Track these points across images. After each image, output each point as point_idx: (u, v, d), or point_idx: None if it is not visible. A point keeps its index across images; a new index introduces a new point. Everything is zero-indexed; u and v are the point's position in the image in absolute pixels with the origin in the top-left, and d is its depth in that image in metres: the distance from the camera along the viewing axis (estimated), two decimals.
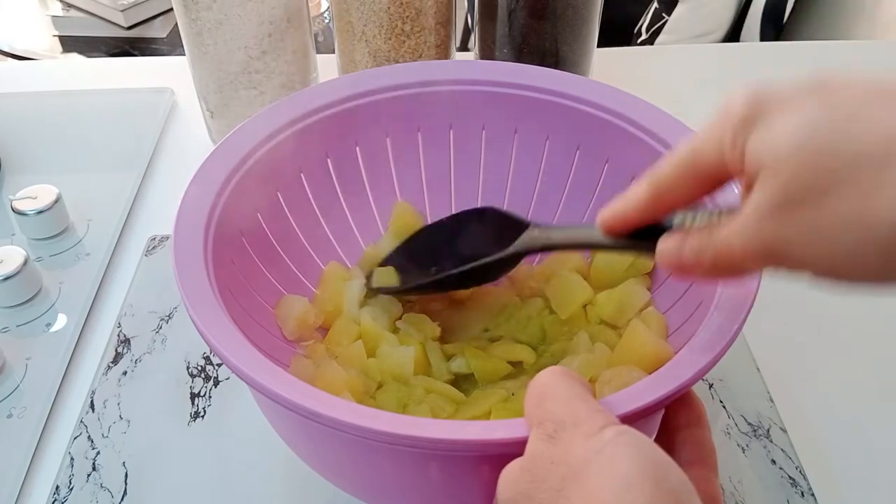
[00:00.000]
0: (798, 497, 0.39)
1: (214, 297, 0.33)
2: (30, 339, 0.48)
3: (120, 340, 0.48)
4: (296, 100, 0.43)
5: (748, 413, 0.43)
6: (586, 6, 0.59)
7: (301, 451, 0.36)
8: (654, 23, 1.06)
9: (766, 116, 0.24)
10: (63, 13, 1.16)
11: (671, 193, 0.28)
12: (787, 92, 0.24)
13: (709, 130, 0.26)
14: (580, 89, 0.44)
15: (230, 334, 0.31)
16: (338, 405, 0.28)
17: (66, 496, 0.40)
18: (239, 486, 0.41)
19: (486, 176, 0.48)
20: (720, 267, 0.27)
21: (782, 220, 0.23)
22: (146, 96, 0.68)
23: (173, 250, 0.34)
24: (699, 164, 0.27)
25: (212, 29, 0.56)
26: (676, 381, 0.28)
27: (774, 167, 0.23)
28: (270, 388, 0.29)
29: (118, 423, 0.43)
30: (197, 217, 0.36)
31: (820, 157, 0.22)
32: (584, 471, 0.23)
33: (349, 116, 0.44)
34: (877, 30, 1.03)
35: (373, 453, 0.31)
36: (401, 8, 0.58)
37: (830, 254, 0.23)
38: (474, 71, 0.46)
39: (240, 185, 0.39)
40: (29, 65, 0.89)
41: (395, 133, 0.46)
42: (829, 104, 0.23)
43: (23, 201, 0.53)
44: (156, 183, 0.61)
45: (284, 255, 0.43)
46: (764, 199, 0.24)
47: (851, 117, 0.22)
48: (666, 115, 0.41)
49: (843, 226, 0.22)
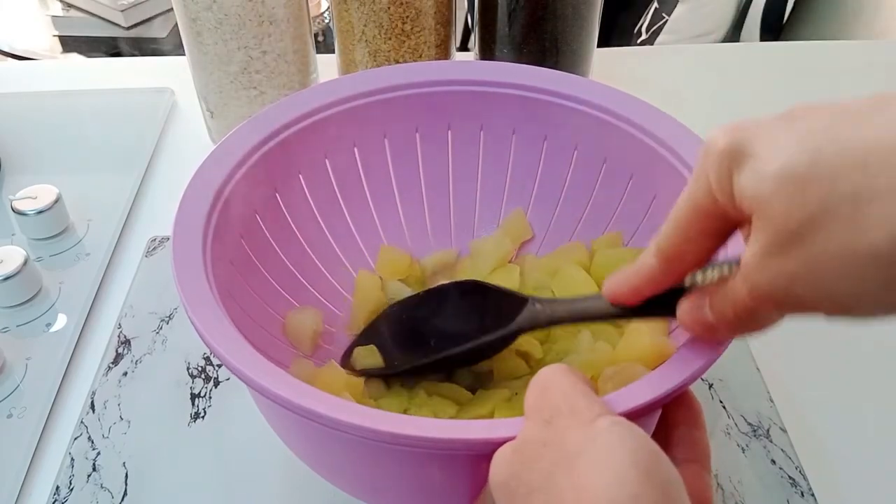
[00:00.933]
0: (798, 497, 0.39)
1: (214, 299, 0.33)
2: (30, 339, 0.48)
3: (120, 341, 0.48)
4: (293, 101, 0.43)
5: (748, 413, 0.43)
6: (586, 6, 0.59)
7: (300, 451, 0.36)
8: (654, 23, 1.06)
9: (746, 156, 0.23)
10: (63, 13, 1.16)
11: (680, 258, 0.28)
12: (762, 126, 0.24)
13: (696, 175, 0.25)
14: (578, 89, 0.44)
15: (229, 336, 0.31)
16: (337, 405, 0.28)
17: (66, 496, 0.40)
18: (239, 486, 0.41)
19: (484, 177, 0.48)
20: (744, 320, 0.26)
21: (781, 262, 0.23)
22: (146, 96, 0.68)
23: (172, 252, 0.34)
24: (700, 214, 0.26)
25: (212, 29, 0.56)
26: (675, 380, 0.28)
27: (762, 209, 0.23)
28: (268, 387, 0.29)
29: (118, 423, 0.43)
30: (195, 219, 0.36)
31: (801, 194, 0.22)
32: (576, 458, 0.23)
33: (347, 118, 0.44)
34: (877, 30, 1.03)
35: (372, 453, 0.31)
36: (401, 8, 0.58)
37: (833, 291, 0.22)
38: (472, 71, 0.46)
39: (238, 187, 0.39)
40: (29, 65, 0.89)
41: (393, 134, 0.46)
42: (799, 134, 0.22)
43: (23, 201, 0.53)
44: (156, 183, 0.61)
45: (284, 256, 0.43)
46: (760, 242, 0.23)
47: (821, 147, 0.22)
48: (663, 114, 0.41)
49: (837, 260, 0.21)
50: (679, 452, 0.28)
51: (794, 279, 0.23)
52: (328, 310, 0.45)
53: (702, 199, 0.25)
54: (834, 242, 0.21)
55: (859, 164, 0.21)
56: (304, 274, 0.44)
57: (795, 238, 0.22)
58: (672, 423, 0.29)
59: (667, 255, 0.28)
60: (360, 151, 0.46)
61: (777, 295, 0.24)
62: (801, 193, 0.22)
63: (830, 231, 0.21)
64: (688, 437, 0.29)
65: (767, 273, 0.23)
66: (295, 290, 0.43)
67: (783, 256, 0.22)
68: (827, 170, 0.21)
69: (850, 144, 0.21)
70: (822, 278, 0.22)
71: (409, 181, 0.48)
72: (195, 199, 0.37)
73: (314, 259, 0.45)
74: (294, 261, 0.44)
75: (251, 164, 0.40)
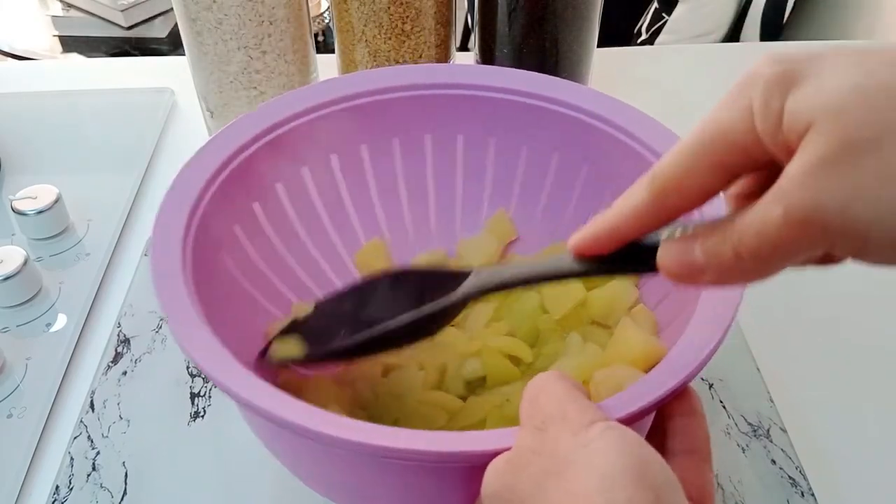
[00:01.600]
0: (798, 497, 0.39)
1: (196, 313, 0.32)
2: (30, 339, 0.48)
3: (120, 340, 0.48)
4: (269, 108, 0.42)
5: (748, 413, 0.43)
6: (586, 6, 0.59)
7: (290, 465, 0.36)
8: (654, 23, 1.06)
9: (806, 77, 0.22)
10: (63, 13, 1.16)
11: (678, 192, 0.25)
12: (816, 55, 0.22)
13: (731, 101, 0.23)
14: (556, 91, 0.44)
15: (213, 349, 0.31)
16: (324, 418, 0.28)
17: (66, 496, 0.40)
18: (239, 485, 0.41)
19: (466, 182, 0.48)
20: (743, 260, 0.23)
21: (833, 177, 0.20)
22: (146, 96, 0.68)
23: (152, 263, 0.34)
24: (722, 143, 0.23)
25: (212, 29, 0.56)
26: (668, 384, 0.28)
27: (830, 116, 0.21)
28: (254, 401, 0.28)
29: (118, 422, 0.43)
30: (174, 231, 0.36)
31: (874, 103, 0.20)
32: (568, 465, 0.23)
33: (323, 126, 0.44)
34: (877, 30, 1.03)
35: (361, 467, 0.31)
36: (401, 8, 0.58)
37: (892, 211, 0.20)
38: (449, 75, 0.45)
39: (215, 198, 0.38)
40: (29, 65, 0.89)
41: (372, 141, 0.46)
42: (867, 59, 0.21)
43: (23, 201, 0.53)
44: (156, 183, 0.61)
45: (264, 267, 0.43)
46: (810, 158, 0.21)
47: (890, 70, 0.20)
48: (646, 116, 0.41)
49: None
50: (677, 443, 0.28)
51: (858, 192, 0.20)
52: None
53: (733, 125, 0.23)
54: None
55: None
56: (285, 283, 0.44)
57: (862, 147, 0.20)
58: (668, 413, 0.29)
59: (664, 187, 0.25)
60: (339, 160, 0.46)
61: (821, 214, 0.21)
62: (873, 104, 0.20)
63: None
64: (686, 426, 0.28)
65: (823, 187, 0.21)
66: (277, 300, 0.43)
67: (844, 167, 0.20)
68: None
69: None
70: (883, 194, 0.20)
71: (388, 188, 0.48)
72: (172, 211, 0.36)
73: (294, 267, 0.44)
74: (275, 270, 0.43)
75: (226, 176, 0.39)
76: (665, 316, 0.39)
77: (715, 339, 0.30)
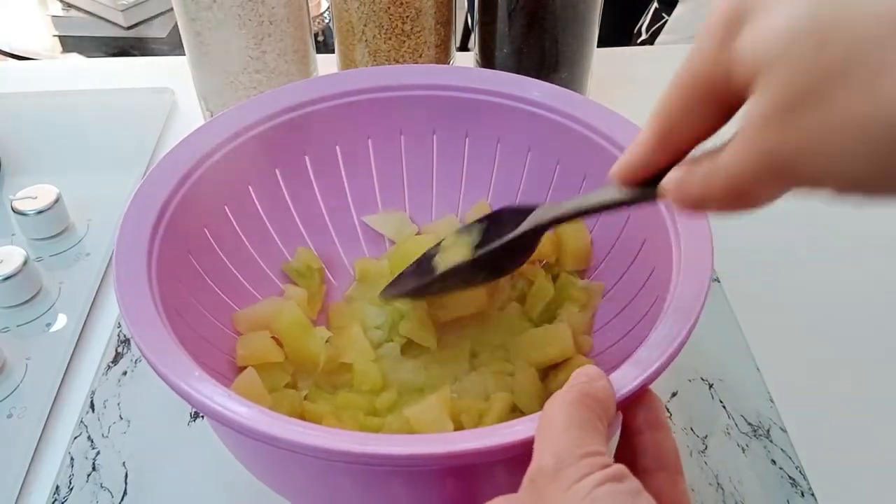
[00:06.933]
0: (798, 497, 0.39)
1: (159, 318, 0.33)
2: (30, 339, 0.48)
3: (120, 340, 0.48)
4: (243, 109, 0.43)
5: (748, 413, 0.43)
6: (586, 6, 0.59)
7: (258, 474, 0.36)
8: (654, 23, 1.07)
9: (755, 10, 0.21)
10: (63, 13, 1.16)
11: (678, 129, 0.25)
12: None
13: (698, 41, 0.23)
14: (528, 91, 0.44)
15: (172, 352, 0.32)
16: (272, 421, 0.28)
17: (66, 496, 0.40)
18: (239, 485, 0.41)
19: (440, 181, 0.48)
20: (733, 192, 0.23)
21: (786, 126, 0.20)
22: (146, 96, 0.68)
23: (115, 269, 0.34)
24: (698, 83, 0.24)
25: (212, 29, 0.56)
26: (628, 386, 0.28)
27: (770, 65, 0.20)
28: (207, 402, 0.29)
29: (118, 423, 0.43)
30: (140, 234, 0.36)
31: (820, 47, 0.19)
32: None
33: (296, 125, 0.44)
34: None
35: (326, 472, 0.31)
36: (401, 8, 0.58)
37: (844, 162, 0.20)
38: (422, 75, 0.46)
39: (185, 200, 0.39)
40: (29, 65, 0.89)
41: (345, 141, 0.46)
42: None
43: (23, 201, 0.53)
44: None
45: (234, 270, 0.43)
46: (763, 104, 0.21)
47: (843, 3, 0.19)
48: (615, 114, 0.42)
49: (852, 126, 0.19)
50: (650, 461, 0.27)
51: (802, 143, 0.20)
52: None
53: (702, 65, 0.23)
54: (851, 106, 0.19)
55: (885, 22, 0.19)
56: (256, 287, 0.44)
57: (809, 97, 0.20)
58: (635, 429, 0.28)
59: (662, 125, 0.25)
60: (311, 160, 0.46)
61: (777, 164, 0.21)
62: (819, 48, 0.19)
63: (849, 93, 0.19)
64: (653, 442, 0.28)
65: (769, 140, 0.21)
66: (246, 303, 0.43)
67: (791, 121, 0.20)
68: (849, 25, 0.19)
69: (875, 7, 0.19)
70: (833, 145, 0.20)
71: (362, 189, 0.48)
72: (138, 215, 0.37)
73: (267, 271, 0.45)
74: (245, 274, 0.43)
75: (196, 178, 0.40)
76: (625, 325, 0.39)
77: (674, 346, 0.29)
